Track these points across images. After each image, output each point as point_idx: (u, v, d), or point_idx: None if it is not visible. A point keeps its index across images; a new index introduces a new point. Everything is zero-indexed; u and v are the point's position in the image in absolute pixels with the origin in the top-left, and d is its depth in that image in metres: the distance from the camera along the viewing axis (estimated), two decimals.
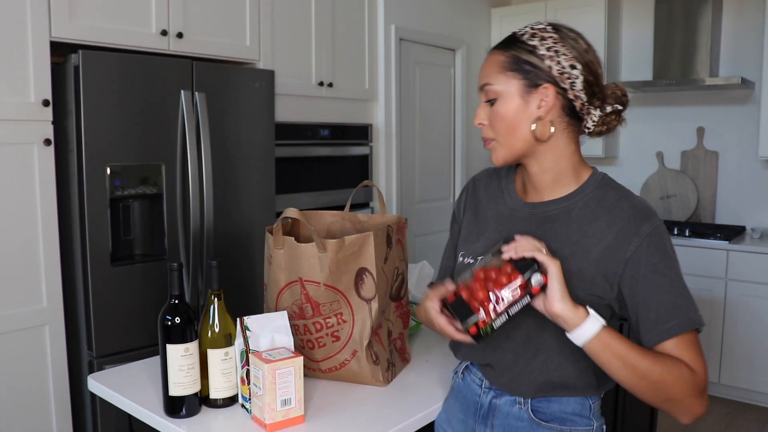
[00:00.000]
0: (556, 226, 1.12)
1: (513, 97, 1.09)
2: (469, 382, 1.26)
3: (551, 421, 1.14)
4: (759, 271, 3.39)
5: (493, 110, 1.11)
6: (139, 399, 1.35)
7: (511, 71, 1.09)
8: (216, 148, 2.51)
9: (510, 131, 1.10)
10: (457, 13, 4.05)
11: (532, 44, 1.08)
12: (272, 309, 1.46)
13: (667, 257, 1.06)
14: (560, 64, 1.07)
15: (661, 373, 1.00)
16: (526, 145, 1.11)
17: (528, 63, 1.08)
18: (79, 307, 2.25)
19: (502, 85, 1.09)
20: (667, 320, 1.03)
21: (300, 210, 1.57)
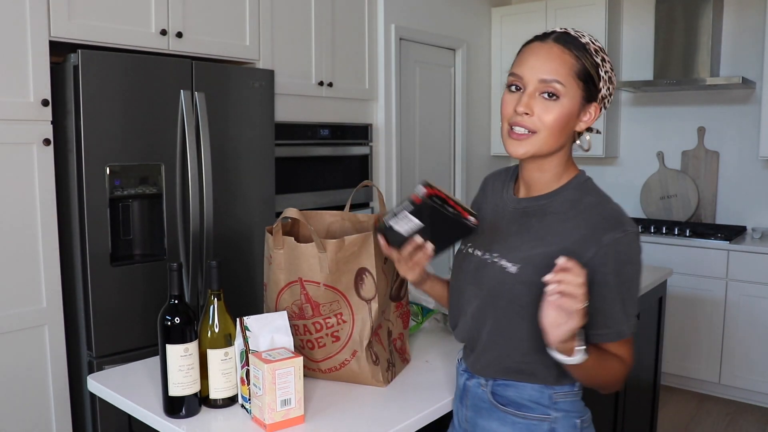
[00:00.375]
0: (531, 221, 1.18)
1: (574, 104, 1.11)
2: (458, 367, 1.34)
3: (508, 405, 1.20)
4: (759, 272, 3.38)
5: (549, 107, 1.10)
6: (138, 399, 1.35)
7: (580, 80, 1.11)
8: (216, 148, 2.50)
9: (557, 132, 1.12)
10: (457, 12, 4.04)
11: (597, 61, 1.12)
12: (272, 309, 1.45)
13: (620, 270, 1.10)
14: (609, 91, 1.15)
15: (608, 375, 1.12)
16: (558, 148, 1.15)
17: (593, 79, 1.12)
18: (79, 308, 2.25)
19: (570, 89, 1.10)
20: (601, 327, 1.11)
21: (300, 210, 1.57)
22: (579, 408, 1.21)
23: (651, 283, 2.44)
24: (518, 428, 1.18)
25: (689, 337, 3.63)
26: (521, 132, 1.12)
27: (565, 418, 1.18)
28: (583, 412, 1.22)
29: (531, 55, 1.12)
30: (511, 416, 1.19)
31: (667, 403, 3.53)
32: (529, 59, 1.12)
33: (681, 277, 3.59)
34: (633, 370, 2.47)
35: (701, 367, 3.61)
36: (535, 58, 1.11)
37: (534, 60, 1.11)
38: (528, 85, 1.11)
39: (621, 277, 1.10)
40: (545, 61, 1.10)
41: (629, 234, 1.10)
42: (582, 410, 1.22)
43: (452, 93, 4.12)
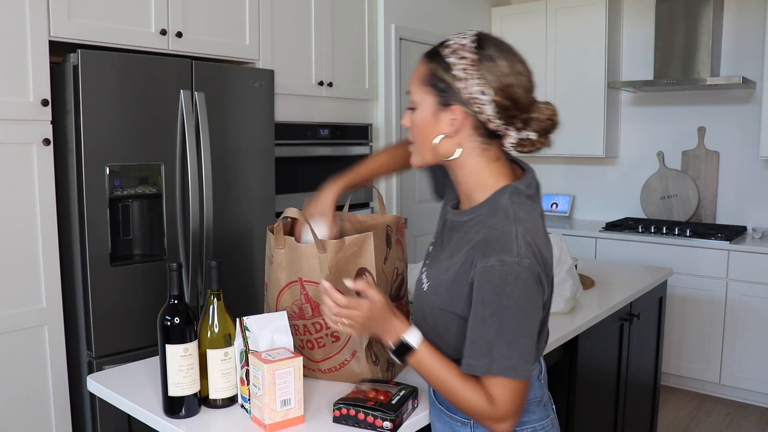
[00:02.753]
0: (452, 234, 1.19)
1: (427, 111, 1.13)
2: None
3: (442, 404, 1.23)
4: (760, 272, 3.38)
5: (413, 117, 1.16)
6: (138, 399, 1.35)
7: (427, 86, 1.12)
8: (215, 148, 2.50)
9: (423, 141, 1.15)
10: (457, 12, 4.04)
11: (449, 62, 1.09)
12: (273, 309, 1.45)
13: (486, 300, 1.03)
14: (468, 90, 1.07)
15: (460, 396, 1.09)
16: (435, 157, 1.16)
17: (443, 81, 1.10)
18: (79, 308, 2.25)
19: (419, 97, 1.14)
20: (469, 356, 1.07)
21: (300, 210, 1.57)
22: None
23: (651, 283, 2.44)
24: (446, 427, 1.22)
25: (689, 337, 3.63)
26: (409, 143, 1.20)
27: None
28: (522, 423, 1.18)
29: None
30: (444, 415, 1.22)
31: (667, 403, 3.53)
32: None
33: (681, 277, 3.59)
34: (633, 370, 2.44)
35: (701, 367, 3.61)
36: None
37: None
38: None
39: (489, 308, 1.03)
40: (411, 77, 1.17)
41: (507, 264, 1.01)
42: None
43: None
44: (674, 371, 3.70)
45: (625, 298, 2.22)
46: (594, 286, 2.35)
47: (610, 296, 2.22)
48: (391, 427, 1.18)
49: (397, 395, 1.26)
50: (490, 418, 1.07)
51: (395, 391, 1.28)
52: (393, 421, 1.18)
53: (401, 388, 1.30)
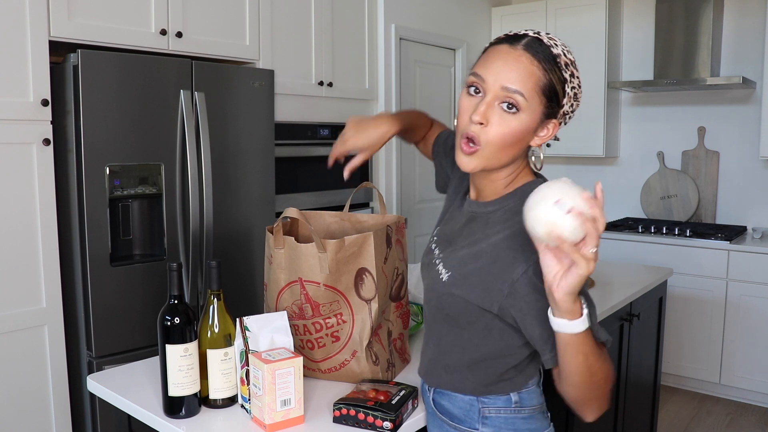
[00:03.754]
0: (473, 226, 1.13)
1: (533, 120, 1.03)
2: None
3: (444, 414, 1.19)
4: (760, 272, 3.38)
5: (506, 119, 1.02)
6: (138, 399, 1.35)
7: (544, 96, 1.02)
8: (215, 148, 2.50)
9: (504, 147, 1.04)
10: (457, 12, 4.04)
11: (566, 76, 1.03)
12: (272, 309, 1.45)
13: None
14: (572, 108, 1.07)
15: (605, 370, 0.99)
16: (510, 161, 1.08)
17: (557, 96, 1.04)
18: (79, 308, 2.25)
19: (532, 103, 1.02)
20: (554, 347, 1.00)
21: (300, 210, 1.57)
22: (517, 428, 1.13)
23: (651, 283, 2.44)
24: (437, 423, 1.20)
25: (689, 337, 3.63)
26: (470, 146, 1.04)
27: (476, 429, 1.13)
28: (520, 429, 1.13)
29: (498, 59, 1.03)
30: (446, 425, 1.18)
31: (667, 403, 3.53)
32: (495, 63, 1.03)
33: (681, 277, 3.59)
34: (633, 370, 2.45)
35: (701, 367, 3.61)
36: (502, 63, 1.02)
37: (500, 65, 1.02)
38: (488, 91, 1.02)
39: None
40: (512, 69, 1.01)
41: None
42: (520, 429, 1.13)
43: (452, 93, 4.12)
44: (674, 371, 3.70)
45: (625, 298, 2.22)
46: (594, 286, 2.35)
47: (610, 296, 2.22)
48: (391, 427, 1.18)
49: (397, 395, 1.26)
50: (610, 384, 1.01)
51: (395, 391, 1.28)
52: (393, 421, 1.18)
53: (401, 388, 1.30)
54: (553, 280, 0.90)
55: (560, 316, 0.93)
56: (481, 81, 1.04)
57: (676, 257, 3.61)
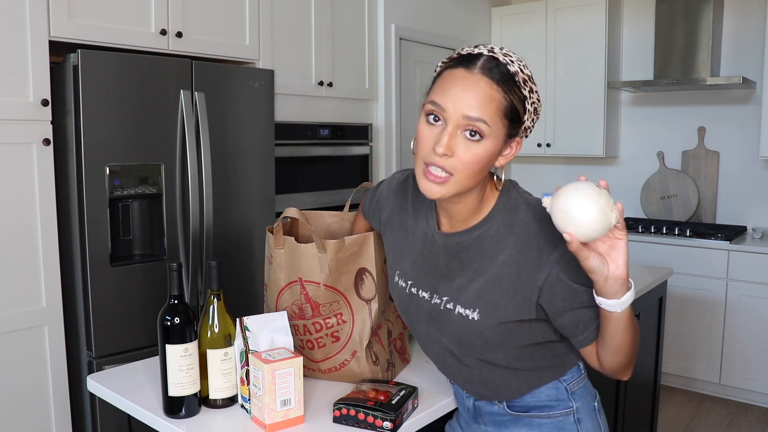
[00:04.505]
0: (470, 255, 1.11)
1: (497, 143, 1.02)
2: (457, 387, 1.32)
3: (530, 411, 1.19)
4: (760, 272, 3.38)
5: (471, 147, 0.99)
6: (138, 399, 1.35)
7: (506, 119, 1.01)
8: (215, 148, 2.50)
9: (475, 173, 1.02)
10: (457, 12, 4.04)
11: (525, 93, 1.02)
12: (272, 309, 1.45)
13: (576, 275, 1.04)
14: (533, 122, 1.06)
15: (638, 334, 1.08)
16: (477, 184, 1.06)
17: (518, 115, 1.03)
18: (79, 308, 2.25)
19: (495, 128, 1.00)
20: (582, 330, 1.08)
21: (300, 210, 1.57)
22: (591, 390, 1.23)
23: (651, 283, 2.44)
24: (547, 429, 1.18)
25: (689, 337, 3.63)
26: (438, 174, 1.01)
27: (583, 405, 1.19)
28: (595, 394, 1.24)
29: (455, 85, 1.00)
30: (537, 419, 1.18)
31: (667, 403, 3.53)
32: (453, 90, 1.00)
33: (681, 277, 3.59)
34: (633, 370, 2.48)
35: (701, 367, 3.61)
36: (461, 90, 0.99)
37: (458, 92, 0.99)
38: (449, 121, 0.99)
39: (579, 289, 1.05)
40: (471, 95, 0.98)
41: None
42: (593, 392, 1.24)
43: None
44: (674, 371, 3.70)
45: None
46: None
47: None
48: (391, 427, 1.18)
49: (397, 395, 1.26)
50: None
51: (395, 391, 1.28)
52: (393, 421, 1.18)
53: (401, 388, 1.30)
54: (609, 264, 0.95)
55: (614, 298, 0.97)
56: (440, 110, 1.00)
57: (676, 257, 3.61)
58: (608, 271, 0.95)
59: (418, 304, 1.20)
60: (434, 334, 1.19)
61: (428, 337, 1.22)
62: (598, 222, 0.91)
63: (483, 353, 1.14)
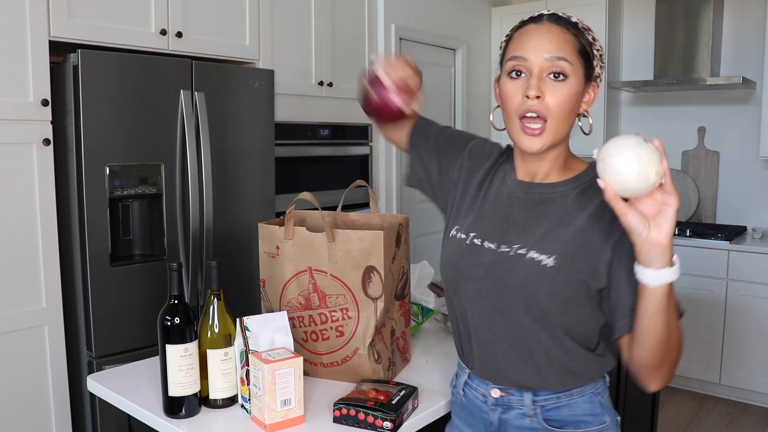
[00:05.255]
0: (551, 207, 1.11)
1: (580, 83, 1.07)
2: (472, 399, 1.21)
3: (565, 427, 1.11)
4: (760, 272, 3.38)
5: (559, 88, 1.04)
6: (138, 399, 1.35)
7: (582, 57, 1.07)
8: (215, 148, 2.50)
9: (565, 116, 1.05)
10: (457, 12, 4.04)
11: (589, 39, 1.08)
12: (274, 303, 1.46)
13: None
14: (601, 69, 1.11)
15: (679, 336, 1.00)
16: (567, 132, 1.09)
17: (590, 57, 1.08)
18: (79, 308, 2.24)
19: (576, 67, 1.05)
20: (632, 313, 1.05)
21: (297, 210, 1.58)
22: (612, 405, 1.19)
23: None
24: None
25: (689, 337, 3.63)
26: (535, 126, 1.04)
27: (611, 419, 1.15)
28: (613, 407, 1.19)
29: (531, 36, 1.06)
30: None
31: (667, 403, 3.53)
32: (530, 40, 1.06)
33: (681, 277, 3.56)
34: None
35: (701, 367, 3.61)
36: (538, 39, 1.05)
37: (536, 41, 1.05)
38: (534, 67, 1.04)
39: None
40: (549, 40, 1.04)
41: None
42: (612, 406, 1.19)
43: (452, 93, 4.12)
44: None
45: None
46: None
47: None
48: (391, 427, 1.18)
49: (398, 395, 1.26)
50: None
51: (395, 391, 1.28)
52: (393, 421, 1.18)
53: (401, 388, 1.30)
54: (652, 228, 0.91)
55: (652, 266, 0.93)
56: (522, 61, 1.06)
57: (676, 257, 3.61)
58: (648, 234, 0.91)
59: (478, 254, 1.13)
60: (487, 288, 1.11)
61: (477, 294, 1.12)
62: (633, 173, 0.87)
63: (543, 309, 1.06)
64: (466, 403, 1.22)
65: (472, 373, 1.20)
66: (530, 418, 1.12)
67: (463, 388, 1.23)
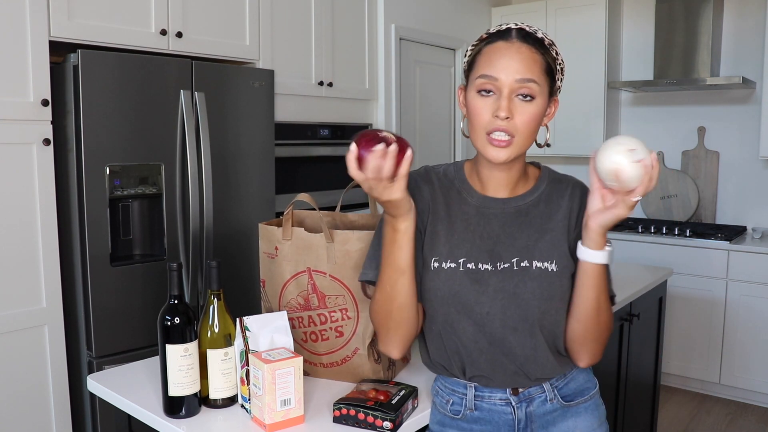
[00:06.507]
0: (530, 217, 1.19)
1: (544, 102, 1.12)
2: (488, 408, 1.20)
3: (576, 398, 1.23)
4: (760, 272, 3.38)
5: (527, 108, 1.09)
6: (138, 399, 1.35)
7: (548, 76, 1.12)
8: (215, 148, 2.50)
9: (531, 133, 1.12)
10: (457, 12, 4.04)
11: (554, 55, 1.14)
12: (274, 303, 1.46)
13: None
14: (561, 81, 1.18)
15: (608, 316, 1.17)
16: (529, 146, 1.15)
17: (553, 73, 1.15)
18: (79, 308, 2.25)
19: (542, 87, 1.11)
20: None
21: (296, 210, 1.58)
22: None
23: (651, 283, 2.44)
24: (590, 410, 1.23)
25: (689, 337, 3.63)
26: (502, 138, 1.09)
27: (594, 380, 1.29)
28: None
29: (502, 56, 1.10)
30: (581, 405, 1.23)
31: (667, 403, 3.53)
32: (501, 60, 1.09)
33: (681, 277, 3.59)
34: (633, 370, 2.46)
35: (701, 367, 3.61)
36: (508, 59, 1.09)
37: (506, 61, 1.09)
38: (504, 88, 1.08)
39: None
40: (518, 61, 1.09)
41: None
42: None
43: (452, 93, 4.12)
44: (674, 371, 3.70)
45: (625, 298, 2.22)
46: None
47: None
48: (391, 427, 1.18)
49: (397, 395, 1.26)
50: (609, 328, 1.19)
51: (395, 391, 1.28)
52: (393, 421, 1.18)
53: (401, 388, 1.30)
54: (594, 213, 1.07)
55: (587, 246, 1.10)
56: (493, 81, 1.10)
57: (676, 257, 3.61)
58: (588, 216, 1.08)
59: (480, 278, 1.14)
60: (498, 308, 1.13)
61: (486, 317, 1.14)
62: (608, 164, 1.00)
63: (557, 311, 1.16)
64: (479, 415, 1.21)
65: (480, 386, 1.20)
66: (551, 402, 1.21)
67: (474, 403, 1.21)
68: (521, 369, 1.18)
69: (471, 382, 1.21)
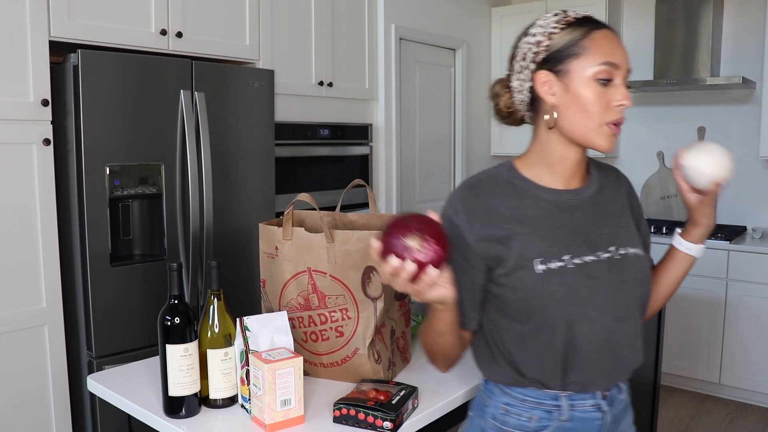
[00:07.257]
0: (602, 205, 1.19)
1: None
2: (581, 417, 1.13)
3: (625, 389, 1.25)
4: (760, 272, 3.38)
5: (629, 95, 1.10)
6: (138, 399, 1.35)
7: None
8: (215, 148, 2.50)
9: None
10: (457, 12, 4.04)
11: None
12: (274, 303, 1.46)
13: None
14: None
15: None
16: None
17: None
18: (79, 308, 2.25)
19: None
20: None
21: (296, 210, 1.58)
22: None
23: None
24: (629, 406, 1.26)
25: (689, 337, 3.63)
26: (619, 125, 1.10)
27: None
28: None
29: (617, 44, 1.09)
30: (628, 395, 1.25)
31: (667, 403, 3.53)
32: (617, 48, 1.08)
33: None
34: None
35: (701, 367, 3.61)
36: (621, 48, 1.09)
37: (621, 49, 1.09)
38: (619, 76, 1.08)
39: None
40: (624, 50, 1.09)
41: None
42: None
43: (452, 93, 4.12)
44: (674, 371, 3.70)
45: None
46: None
47: None
48: (391, 427, 1.18)
49: (398, 395, 1.26)
50: None
51: (395, 391, 1.28)
52: (393, 421, 1.18)
53: (401, 388, 1.30)
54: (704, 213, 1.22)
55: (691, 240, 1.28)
56: (615, 68, 1.08)
57: None
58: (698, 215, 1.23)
59: (590, 273, 1.09)
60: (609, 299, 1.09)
61: (599, 311, 1.08)
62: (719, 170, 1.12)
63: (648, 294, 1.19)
64: (571, 426, 1.13)
65: (574, 393, 1.12)
66: (622, 394, 1.22)
67: (572, 412, 1.12)
68: (621, 363, 1.12)
69: (564, 392, 1.11)
